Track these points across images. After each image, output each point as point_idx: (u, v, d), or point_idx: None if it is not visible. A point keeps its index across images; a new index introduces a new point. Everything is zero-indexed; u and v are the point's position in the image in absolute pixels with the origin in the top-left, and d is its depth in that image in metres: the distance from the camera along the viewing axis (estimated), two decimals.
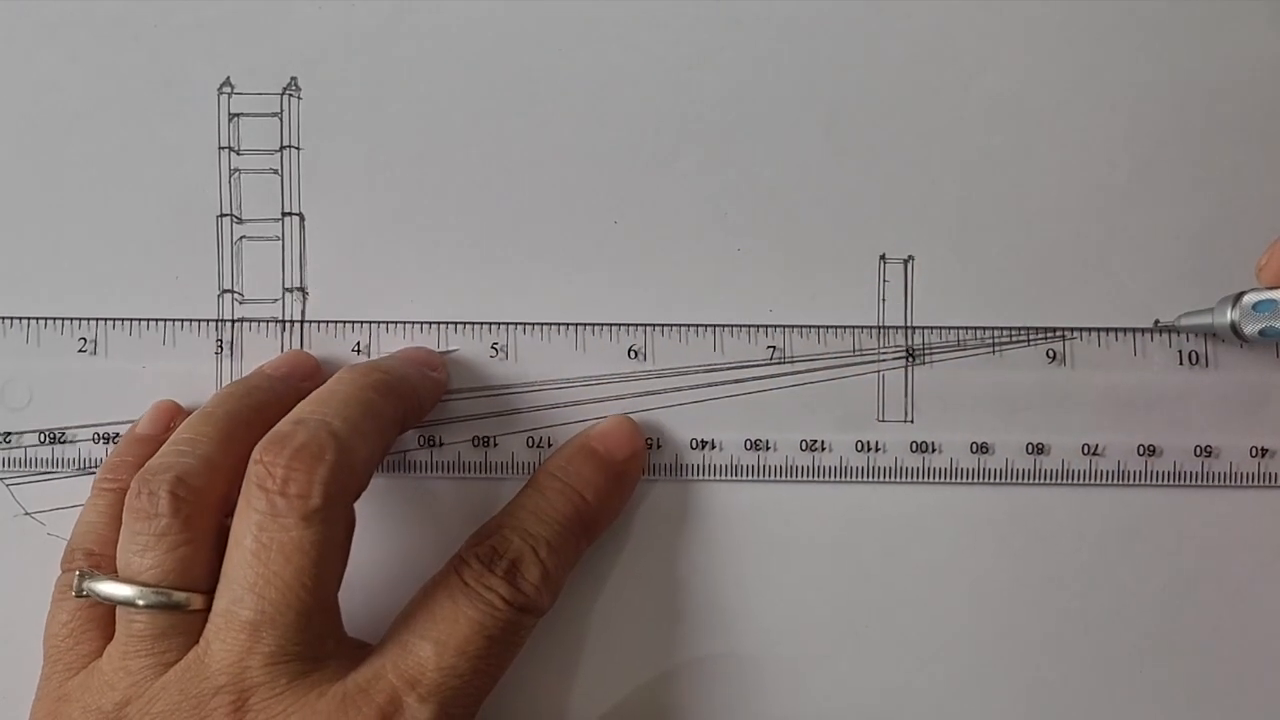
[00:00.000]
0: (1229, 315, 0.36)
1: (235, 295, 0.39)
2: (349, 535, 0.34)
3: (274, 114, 0.39)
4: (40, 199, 0.39)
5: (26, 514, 0.39)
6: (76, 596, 0.34)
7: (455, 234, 0.39)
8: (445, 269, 0.39)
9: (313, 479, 0.32)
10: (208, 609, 0.33)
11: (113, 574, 0.34)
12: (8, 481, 0.39)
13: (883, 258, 0.38)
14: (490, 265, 0.39)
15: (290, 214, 0.39)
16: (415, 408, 0.36)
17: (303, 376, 0.37)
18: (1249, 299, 0.35)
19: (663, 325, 0.38)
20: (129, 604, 0.33)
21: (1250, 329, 0.35)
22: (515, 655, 0.35)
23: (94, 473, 0.37)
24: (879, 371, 0.38)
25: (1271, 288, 0.35)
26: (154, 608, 0.33)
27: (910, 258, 0.38)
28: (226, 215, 0.39)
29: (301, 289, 0.39)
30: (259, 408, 0.35)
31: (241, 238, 0.39)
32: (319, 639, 0.33)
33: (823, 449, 0.38)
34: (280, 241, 0.39)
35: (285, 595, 0.32)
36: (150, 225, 0.39)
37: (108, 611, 0.34)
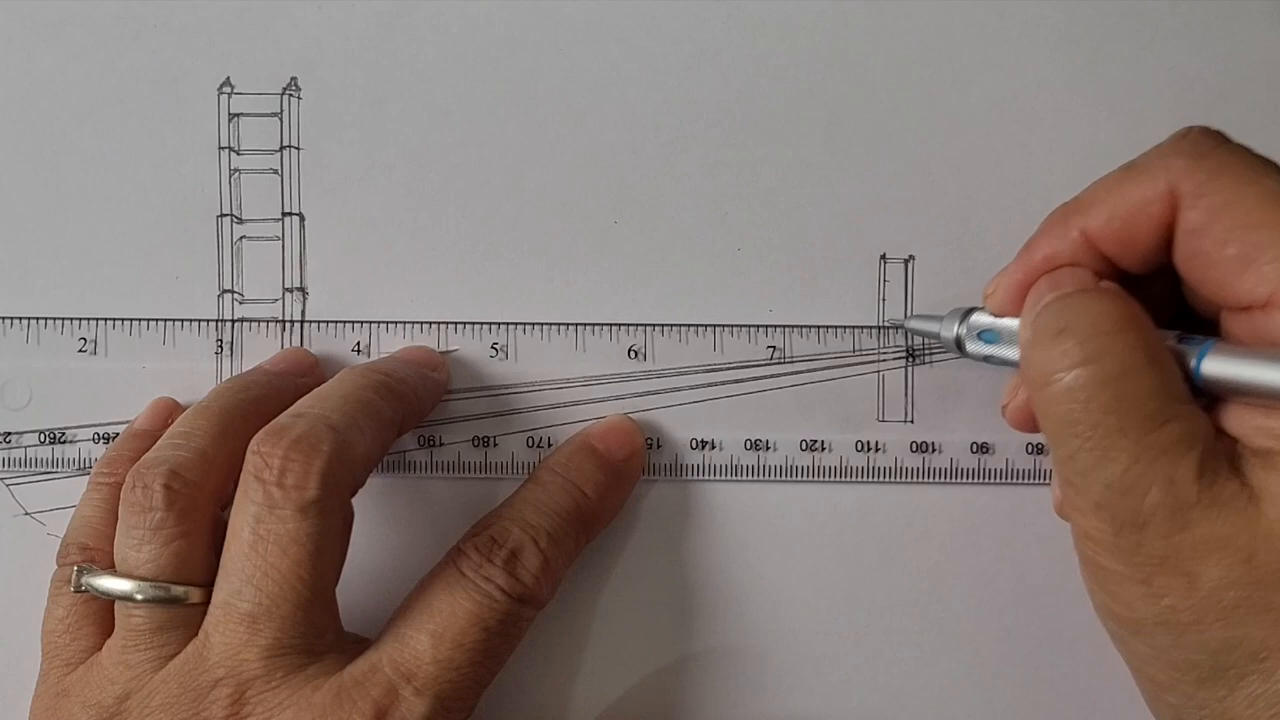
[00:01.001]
0: (955, 330, 0.35)
1: (235, 295, 0.39)
2: (346, 530, 0.34)
3: (274, 114, 0.39)
4: (40, 199, 0.39)
5: (26, 514, 0.39)
6: (75, 592, 0.34)
7: (455, 234, 0.39)
8: (445, 269, 0.39)
9: (309, 470, 0.32)
10: (206, 602, 0.33)
11: (110, 568, 0.34)
12: (8, 481, 0.39)
13: (883, 258, 0.38)
14: (490, 265, 0.39)
15: (290, 214, 0.39)
16: (415, 409, 0.36)
17: (301, 373, 0.38)
18: (977, 320, 0.34)
19: (663, 325, 0.38)
20: (127, 598, 0.33)
21: (974, 350, 0.34)
22: (513, 648, 0.35)
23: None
24: (879, 371, 0.38)
25: (998, 316, 0.34)
26: (152, 601, 0.33)
27: (910, 258, 0.38)
28: (226, 215, 0.39)
29: (301, 289, 0.39)
30: (256, 402, 0.35)
31: (241, 238, 0.39)
32: (317, 632, 0.33)
33: (823, 449, 0.38)
34: (280, 241, 0.39)
35: (282, 587, 0.32)
36: (150, 225, 0.39)
37: (105, 606, 0.34)
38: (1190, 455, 0.28)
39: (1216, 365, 0.29)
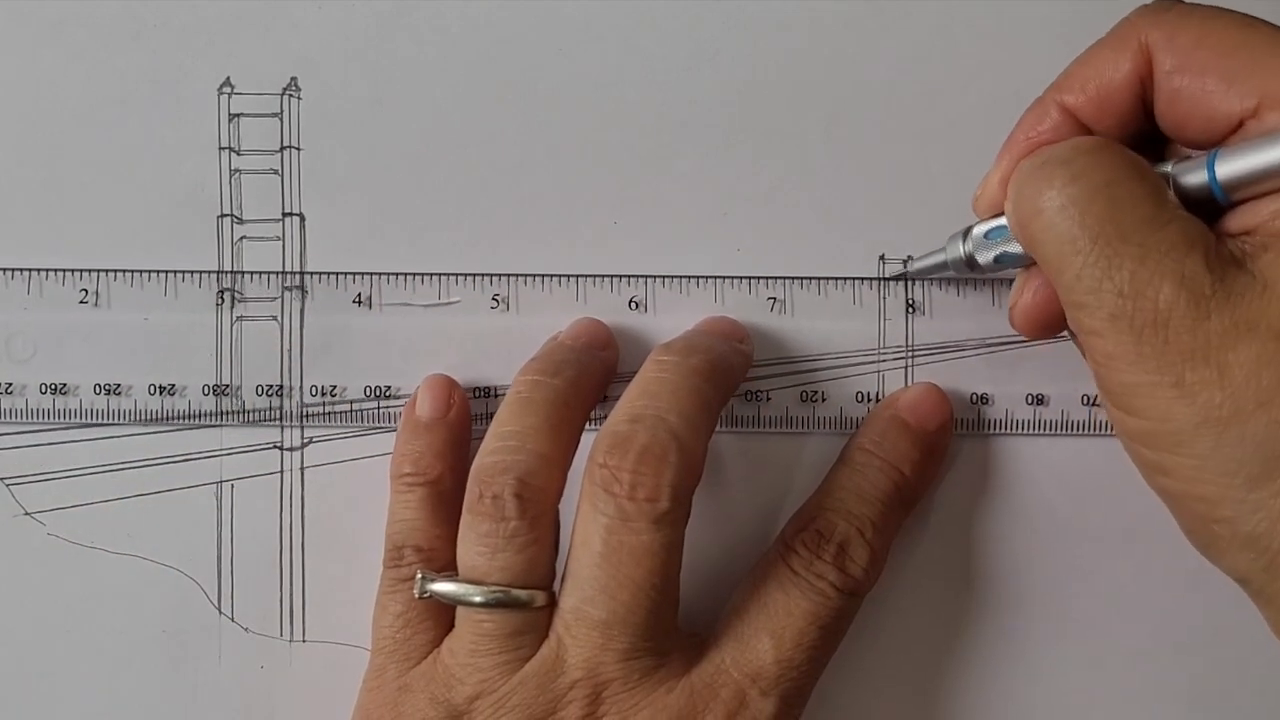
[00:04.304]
0: (961, 249, 0.35)
1: (236, 295, 0.39)
2: (686, 527, 0.34)
3: (274, 114, 0.39)
4: (39, 200, 0.39)
5: (26, 514, 0.39)
6: (419, 598, 0.34)
7: (455, 236, 0.39)
8: (445, 270, 0.39)
9: (660, 483, 0.32)
10: (550, 604, 0.34)
11: (449, 573, 0.34)
12: (8, 481, 0.39)
13: (882, 258, 0.38)
14: (490, 266, 0.39)
15: (290, 214, 0.39)
16: (733, 387, 0.36)
17: (600, 346, 0.37)
18: (979, 229, 0.34)
19: (664, 277, 0.39)
20: (476, 605, 0.33)
21: (984, 258, 0.34)
22: (841, 640, 0.35)
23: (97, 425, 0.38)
24: (879, 372, 0.38)
25: (995, 216, 0.34)
26: (502, 606, 0.33)
27: (909, 258, 0.38)
28: (227, 215, 0.39)
29: (301, 289, 0.39)
30: (573, 384, 0.35)
31: (242, 238, 0.39)
32: (665, 633, 0.34)
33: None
34: (280, 242, 0.39)
35: (636, 596, 0.33)
36: (150, 226, 0.39)
37: (441, 604, 0.35)
38: (1195, 252, 0.28)
39: (1230, 165, 0.29)
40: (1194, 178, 0.30)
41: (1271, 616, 0.29)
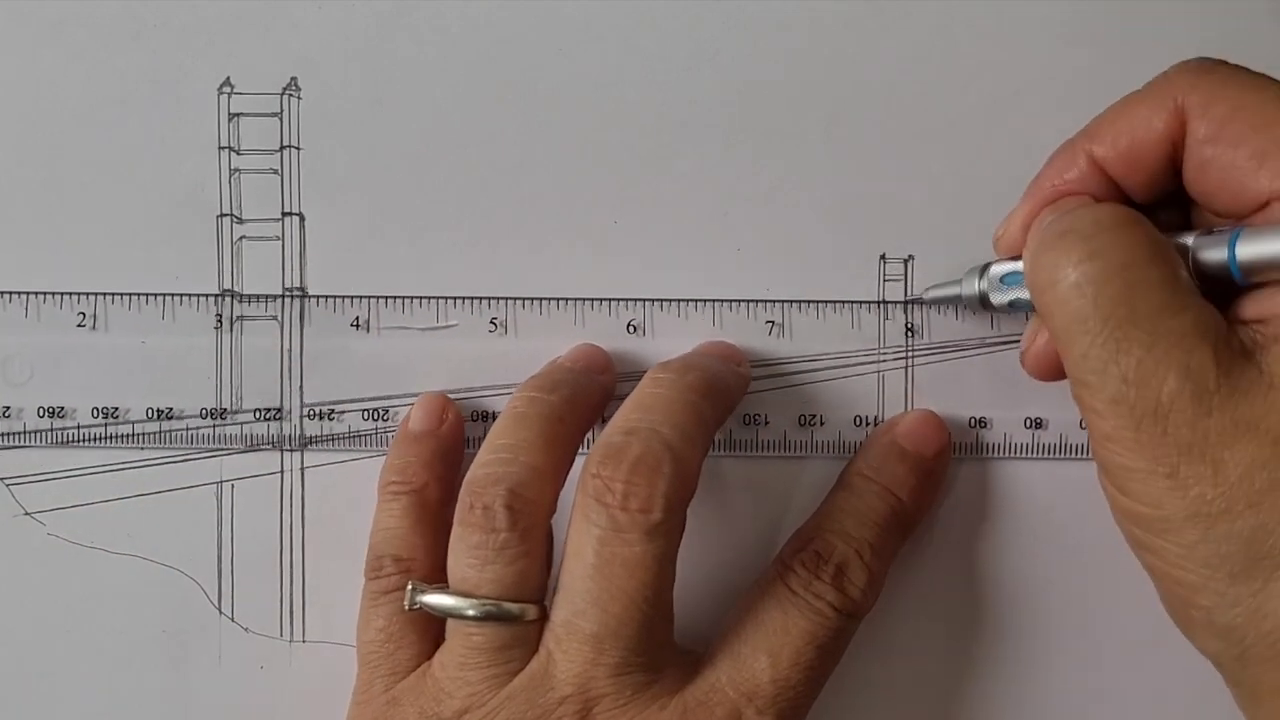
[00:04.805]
0: (977, 286, 0.35)
1: (235, 295, 0.39)
2: (680, 541, 0.34)
3: (274, 114, 0.39)
4: (39, 200, 0.39)
5: (26, 514, 0.39)
6: (409, 610, 0.34)
7: (455, 235, 0.39)
8: (445, 270, 0.39)
9: (653, 493, 0.32)
10: (541, 618, 0.33)
11: (430, 581, 0.34)
12: (8, 481, 0.39)
13: (883, 258, 0.38)
14: (491, 266, 0.39)
15: (290, 214, 0.39)
16: (730, 406, 0.36)
17: (599, 369, 0.37)
18: (996, 270, 0.34)
19: (662, 300, 0.38)
20: (466, 617, 0.33)
21: (998, 300, 0.34)
22: (838, 662, 0.35)
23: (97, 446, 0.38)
24: (879, 372, 0.38)
25: (1014, 259, 0.33)
26: (493, 620, 0.33)
27: (910, 257, 0.38)
28: (226, 215, 0.39)
29: (301, 289, 0.39)
30: (569, 403, 0.35)
31: (241, 238, 0.39)
32: (658, 648, 0.33)
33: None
34: (280, 241, 0.39)
35: (628, 609, 0.32)
36: (150, 225, 0.39)
37: (427, 616, 0.34)
38: (1205, 343, 0.28)
39: (1251, 246, 0.29)
40: (1213, 254, 0.29)
41: (1240, 697, 0.29)
